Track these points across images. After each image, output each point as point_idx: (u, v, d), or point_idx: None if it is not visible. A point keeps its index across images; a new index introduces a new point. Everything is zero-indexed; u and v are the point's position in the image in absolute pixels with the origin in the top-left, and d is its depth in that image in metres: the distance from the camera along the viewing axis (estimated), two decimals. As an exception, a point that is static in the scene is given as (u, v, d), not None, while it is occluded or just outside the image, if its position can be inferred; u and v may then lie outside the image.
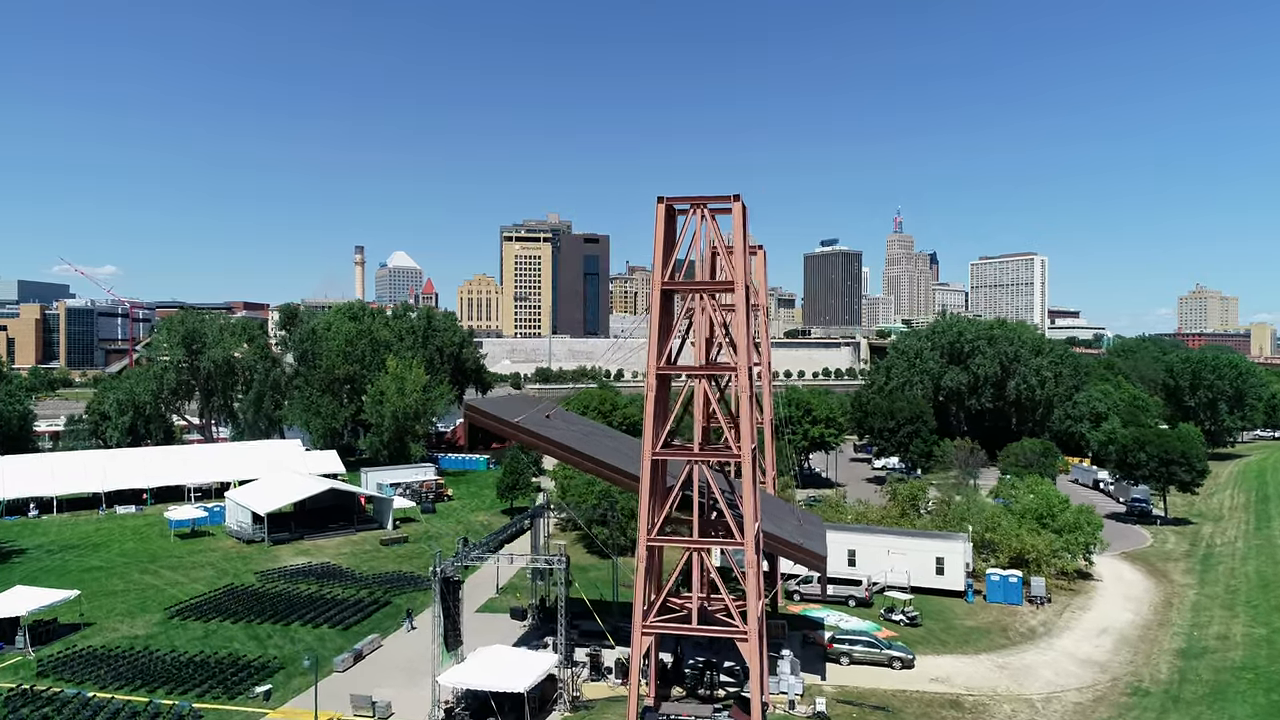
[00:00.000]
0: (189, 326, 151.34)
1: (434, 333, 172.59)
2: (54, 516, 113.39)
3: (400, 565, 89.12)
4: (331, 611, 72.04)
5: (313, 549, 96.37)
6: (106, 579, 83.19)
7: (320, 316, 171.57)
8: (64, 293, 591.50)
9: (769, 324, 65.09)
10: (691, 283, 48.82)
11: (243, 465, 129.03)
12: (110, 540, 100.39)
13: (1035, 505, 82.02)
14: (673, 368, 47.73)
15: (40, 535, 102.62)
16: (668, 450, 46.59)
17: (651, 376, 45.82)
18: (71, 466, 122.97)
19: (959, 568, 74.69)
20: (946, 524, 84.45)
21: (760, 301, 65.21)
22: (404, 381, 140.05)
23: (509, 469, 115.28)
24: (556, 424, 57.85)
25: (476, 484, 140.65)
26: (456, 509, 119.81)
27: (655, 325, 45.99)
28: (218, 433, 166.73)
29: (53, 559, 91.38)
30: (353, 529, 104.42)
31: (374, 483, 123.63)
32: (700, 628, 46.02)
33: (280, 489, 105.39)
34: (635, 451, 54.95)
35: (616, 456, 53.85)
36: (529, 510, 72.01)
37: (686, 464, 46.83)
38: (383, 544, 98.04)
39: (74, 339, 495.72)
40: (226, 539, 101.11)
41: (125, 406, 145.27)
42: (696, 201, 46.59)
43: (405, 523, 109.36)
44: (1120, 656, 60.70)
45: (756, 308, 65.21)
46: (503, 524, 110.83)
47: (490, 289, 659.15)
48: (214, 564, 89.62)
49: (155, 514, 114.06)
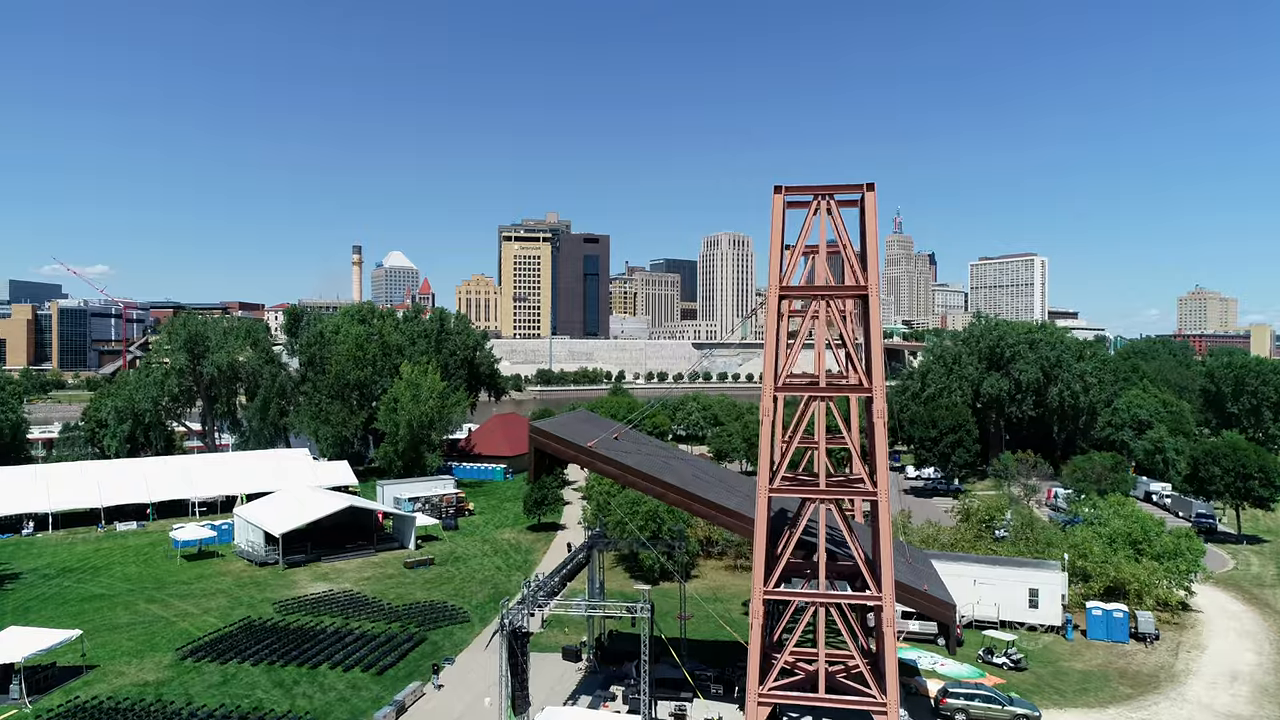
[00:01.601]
0: (191, 330, 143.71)
1: (447, 335, 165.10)
2: (50, 535, 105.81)
3: (430, 593, 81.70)
4: (362, 651, 64.68)
5: (331, 573, 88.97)
6: (109, 610, 75.67)
7: (328, 319, 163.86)
8: (56, 293, 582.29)
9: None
10: (814, 287, 41.60)
11: (249, 477, 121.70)
12: (111, 562, 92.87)
13: (1127, 528, 74.94)
14: (795, 386, 40.65)
15: (36, 557, 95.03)
16: (788, 485, 39.47)
17: (768, 397, 38.71)
18: (67, 479, 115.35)
19: (1055, 600, 67.65)
20: (1030, 550, 77.35)
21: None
22: (419, 388, 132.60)
23: (536, 484, 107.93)
24: (626, 447, 50.68)
25: (496, 496, 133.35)
26: (480, 525, 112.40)
27: (773, 336, 38.86)
28: (220, 439, 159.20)
29: (50, 585, 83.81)
30: (372, 549, 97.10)
31: (391, 497, 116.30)
32: (829, 697, 38.81)
33: (294, 506, 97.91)
34: (730, 482, 47.87)
35: (718, 491, 46.62)
36: (585, 542, 64.44)
37: (805, 502, 39.71)
38: (407, 566, 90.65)
39: (67, 340, 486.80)
40: (236, 560, 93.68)
41: (124, 414, 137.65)
42: (821, 191, 39.47)
43: (426, 541, 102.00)
44: (1266, 711, 53.69)
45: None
46: (531, 542, 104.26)
47: (489, 289, 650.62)
48: (226, 591, 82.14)
49: (158, 531, 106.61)
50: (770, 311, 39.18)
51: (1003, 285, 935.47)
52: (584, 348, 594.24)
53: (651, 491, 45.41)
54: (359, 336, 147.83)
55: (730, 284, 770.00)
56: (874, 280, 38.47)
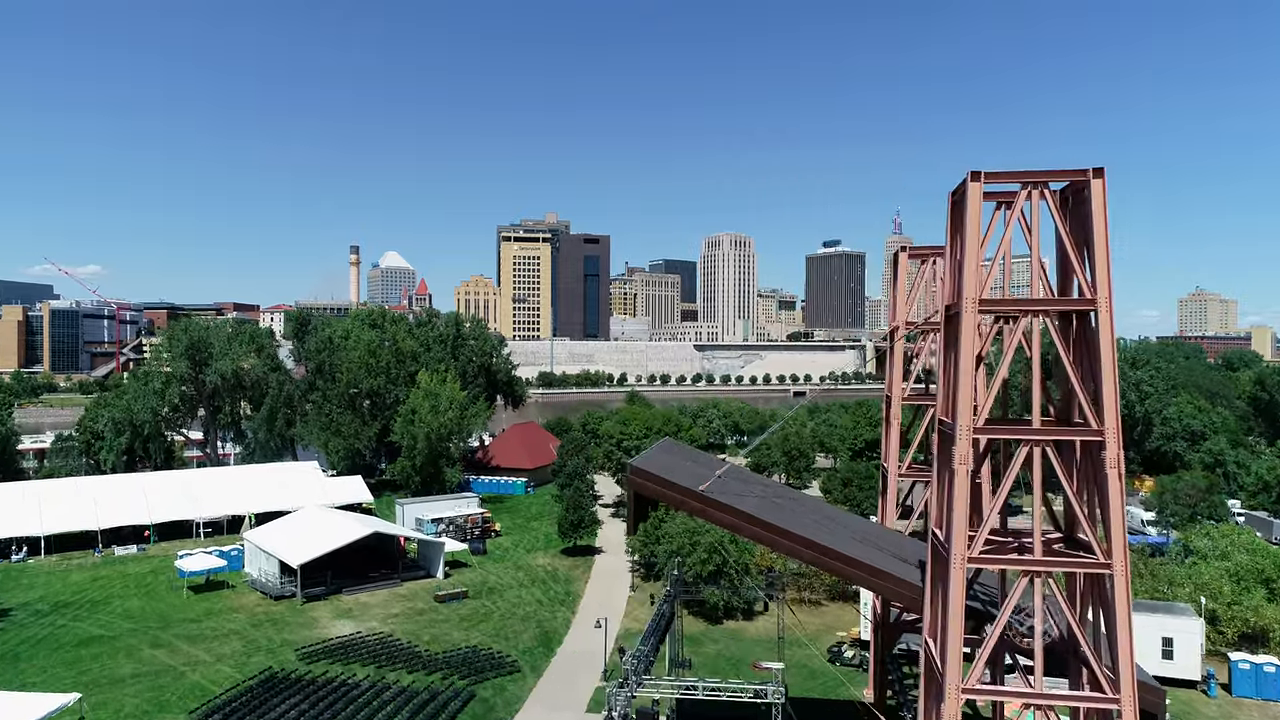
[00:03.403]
0: (193, 335, 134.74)
1: (462, 341, 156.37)
2: (43, 560, 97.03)
3: (469, 633, 73.14)
4: (406, 713, 56.19)
5: (355, 608, 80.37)
6: (110, 658, 66.99)
7: (336, 324, 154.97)
8: (47, 293, 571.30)
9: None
10: (1026, 300, 33.12)
11: (257, 494, 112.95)
12: (111, 595, 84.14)
13: (1256, 564, 66.76)
14: (1003, 427, 32.29)
15: (27, 588, 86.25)
16: (992, 554, 31.09)
17: (965, 440, 30.28)
18: (61, 497, 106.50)
19: (1193, 651, 59.46)
20: (1149, 590, 69.05)
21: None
22: (437, 398, 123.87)
23: (572, 504, 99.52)
24: (735, 487, 42.32)
25: (520, 513, 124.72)
26: (509, 549, 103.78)
27: (967, 361, 30.44)
28: (222, 449, 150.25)
29: (42, 624, 75.04)
30: (397, 578, 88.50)
31: (412, 517, 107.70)
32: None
33: (311, 531, 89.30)
34: (860, 530, 39.57)
35: (872, 553, 38.14)
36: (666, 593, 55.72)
37: (1005, 575, 31.33)
38: (438, 600, 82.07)
39: (58, 342, 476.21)
40: (248, 592, 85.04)
41: (122, 426, 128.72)
42: (1031, 179, 31.05)
43: (454, 567, 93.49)
44: None
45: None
46: (568, 569, 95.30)
47: (488, 290, 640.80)
48: (240, 631, 73.49)
49: (160, 556, 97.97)
50: (966, 330, 30.72)
51: (1003, 286, 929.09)
52: (585, 349, 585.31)
53: (790, 549, 37.06)
54: (371, 343, 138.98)
55: (732, 285, 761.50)
56: (1104, 291, 30.02)
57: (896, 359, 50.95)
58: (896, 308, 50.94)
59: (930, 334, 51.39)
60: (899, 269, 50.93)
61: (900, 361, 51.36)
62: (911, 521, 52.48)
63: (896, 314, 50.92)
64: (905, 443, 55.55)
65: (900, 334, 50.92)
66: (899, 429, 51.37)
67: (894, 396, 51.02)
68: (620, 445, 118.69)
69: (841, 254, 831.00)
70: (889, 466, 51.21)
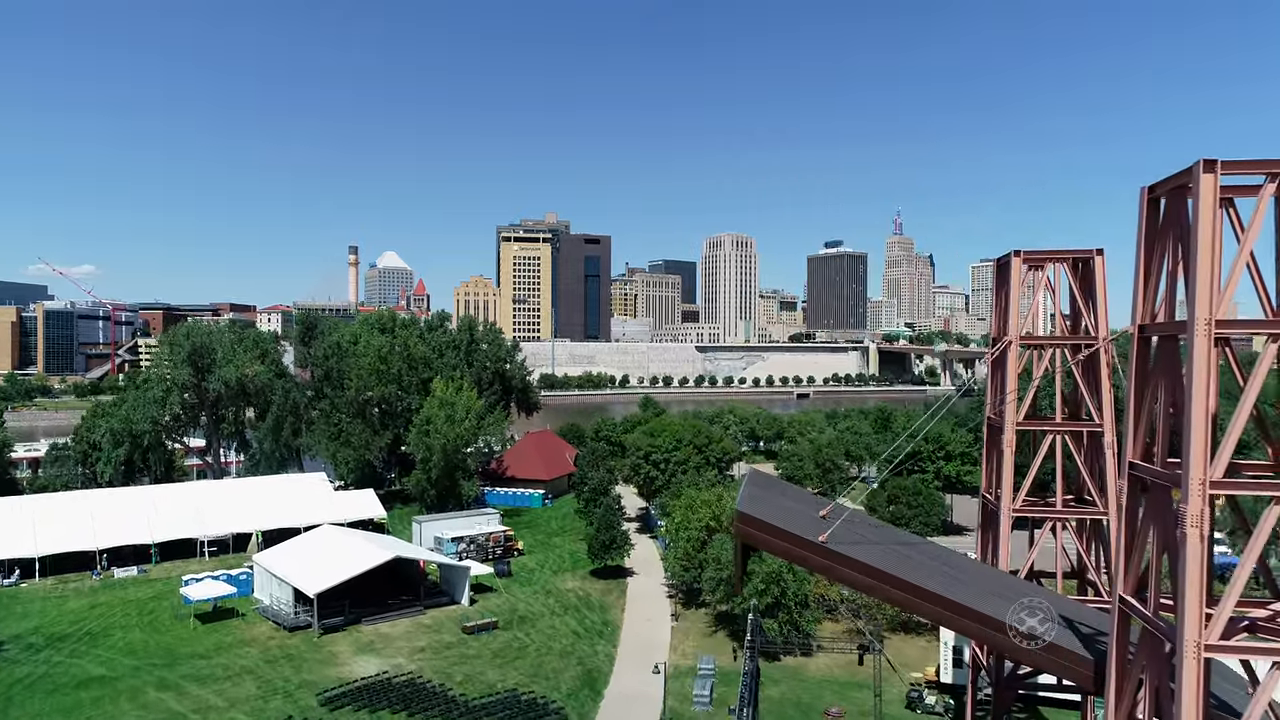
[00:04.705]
0: (196, 341, 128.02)
1: (475, 346, 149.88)
2: (37, 584, 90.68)
3: (504, 671, 66.90)
4: (446, 774, 49.98)
5: (377, 640, 74.10)
6: (111, 703, 60.74)
7: (344, 329, 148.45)
8: (41, 294, 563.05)
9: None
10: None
11: (264, 510, 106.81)
12: (111, 625, 77.77)
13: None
14: (1255, 482, 26.12)
15: (20, 617, 79.81)
16: (1246, 642, 24.90)
17: (1199, 497, 24.10)
18: (58, 513, 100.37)
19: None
20: None
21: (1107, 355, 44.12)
22: (453, 407, 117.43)
23: (603, 523, 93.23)
24: (849, 533, 36.15)
25: (539, 528, 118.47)
26: (534, 570, 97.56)
27: (1200, 397, 24.36)
28: (225, 457, 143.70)
29: (36, 662, 68.63)
30: (419, 605, 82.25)
31: (430, 536, 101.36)
32: None
33: (327, 555, 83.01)
34: (1013, 590, 33.82)
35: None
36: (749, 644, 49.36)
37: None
38: (466, 632, 75.81)
39: (52, 344, 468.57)
40: (259, 621, 78.75)
41: (120, 437, 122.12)
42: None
43: (479, 591, 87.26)
44: None
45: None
46: (601, 593, 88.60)
47: (487, 291, 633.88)
48: (253, 670, 67.21)
49: (163, 579, 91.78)
50: (1200, 361, 24.55)
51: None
52: (585, 351, 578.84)
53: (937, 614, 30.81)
54: (381, 348, 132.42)
55: (733, 286, 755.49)
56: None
57: (1010, 376, 44.94)
58: (1009, 318, 44.94)
59: (1052, 350, 45.41)
60: (1010, 274, 44.93)
61: (1015, 379, 45.31)
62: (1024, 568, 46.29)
63: (1009, 326, 44.88)
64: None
65: (1015, 348, 44.83)
66: (1012, 458, 45.28)
67: (1008, 420, 44.93)
68: (649, 458, 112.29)
69: (843, 254, 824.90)
70: (1002, 503, 45.11)
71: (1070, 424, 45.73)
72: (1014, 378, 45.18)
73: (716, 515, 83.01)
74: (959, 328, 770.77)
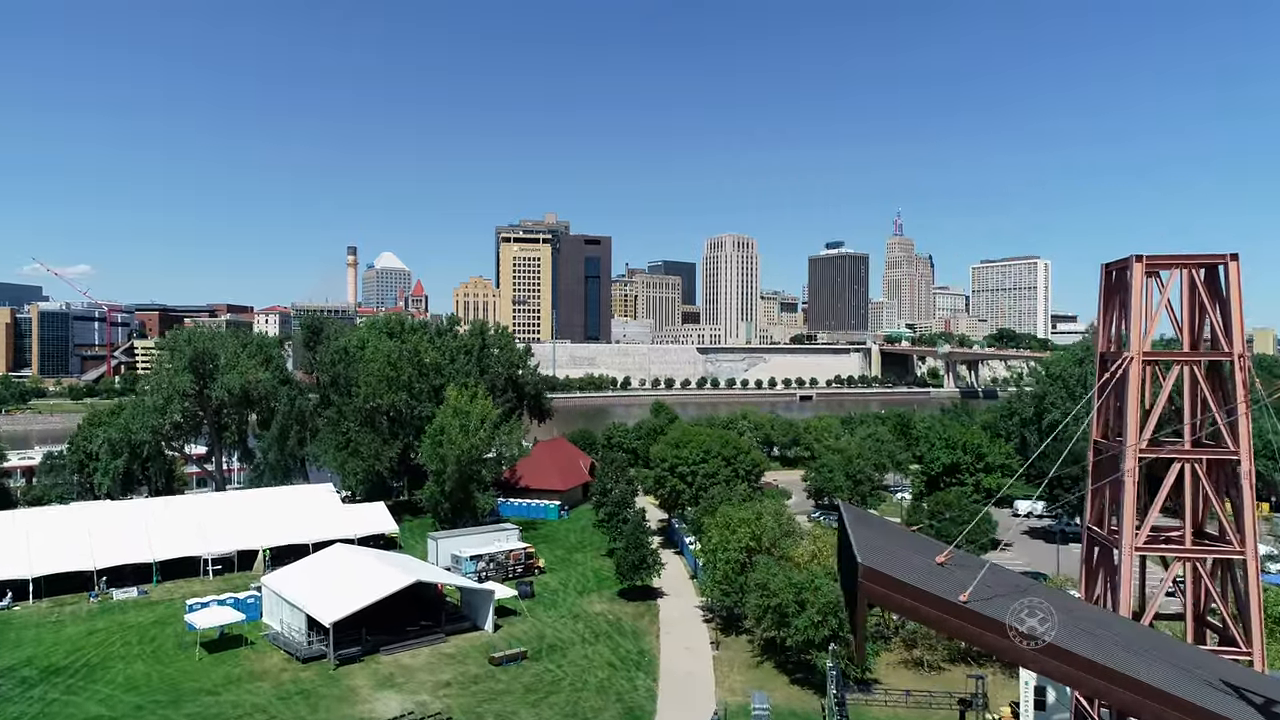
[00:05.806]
0: (197, 346, 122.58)
1: (488, 351, 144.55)
2: (31, 607, 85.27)
3: (539, 712, 61.62)
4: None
5: (398, 672, 68.81)
6: (113, 750, 55.37)
7: (351, 333, 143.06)
8: (36, 295, 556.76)
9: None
10: None
11: (271, 525, 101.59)
12: (111, 655, 72.38)
13: None
14: None
15: (14, 646, 74.39)
16: None
17: None
18: (54, 528, 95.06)
19: None
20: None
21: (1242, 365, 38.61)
22: (468, 416, 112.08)
23: (632, 542, 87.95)
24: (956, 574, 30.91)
25: (557, 542, 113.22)
26: (558, 590, 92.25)
27: None
28: (227, 465, 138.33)
29: (30, 699, 63.24)
30: (440, 633, 76.94)
31: (446, 553, 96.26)
32: None
33: (341, 578, 77.71)
34: (1206, 669, 28.45)
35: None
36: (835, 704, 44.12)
37: None
38: (493, 663, 70.42)
39: (47, 345, 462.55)
40: (270, 651, 73.41)
41: (120, 447, 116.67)
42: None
43: (501, 615, 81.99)
44: None
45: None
46: (632, 617, 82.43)
47: (487, 292, 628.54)
48: (267, 708, 61.91)
49: (165, 602, 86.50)
50: None
51: (1004, 288, 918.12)
52: (586, 352, 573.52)
53: (1138, 706, 25.44)
54: (390, 354, 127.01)
55: (735, 287, 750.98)
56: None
57: (1132, 396, 39.58)
58: (1131, 331, 39.68)
59: (1180, 365, 40.09)
60: (1129, 282, 39.64)
61: (1136, 399, 40.01)
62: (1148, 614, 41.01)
63: (1131, 340, 39.61)
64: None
65: (1137, 364, 39.53)
66: (1134, 488, 40.06)
67: (1129, 446, 39.65)
68: (674, 471, 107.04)
69: (844, 255, 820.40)
70: (1123, 539, 39.83)
71: (1202, 450, 40.38)
72: (1135, 398, 39.90)
73: (756, 535, 78.04)
74: (960, 329, 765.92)
